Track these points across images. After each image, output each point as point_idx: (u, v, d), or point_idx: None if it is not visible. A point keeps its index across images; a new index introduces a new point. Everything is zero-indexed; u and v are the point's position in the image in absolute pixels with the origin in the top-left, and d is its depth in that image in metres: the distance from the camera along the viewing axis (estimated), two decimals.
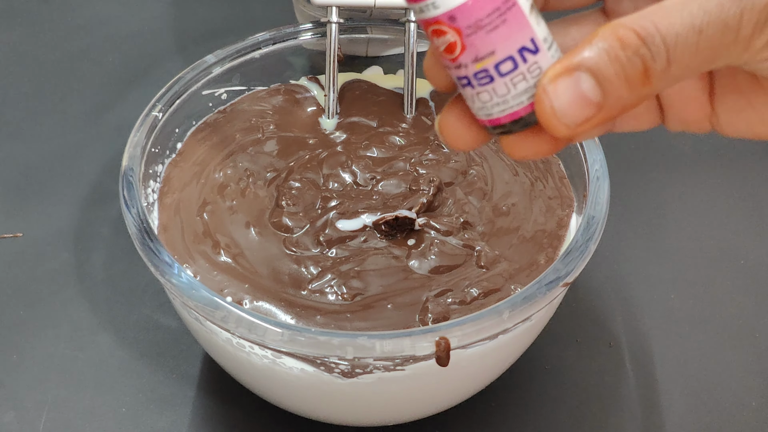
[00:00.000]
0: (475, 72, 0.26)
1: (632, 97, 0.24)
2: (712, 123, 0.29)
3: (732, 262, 0.55)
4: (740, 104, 0.28)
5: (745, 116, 0.28)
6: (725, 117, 0.28)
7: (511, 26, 0.25)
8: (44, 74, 0.69)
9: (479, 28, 0.25)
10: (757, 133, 0.28)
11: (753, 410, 0.47)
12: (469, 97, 0.26)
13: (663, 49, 0.23)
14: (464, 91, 0.26)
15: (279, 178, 0.48)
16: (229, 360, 0.42)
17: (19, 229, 0.57)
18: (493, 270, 0.43)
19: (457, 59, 0.26)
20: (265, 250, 0.44)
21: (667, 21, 0.23)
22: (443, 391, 0.43)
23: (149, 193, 0.46)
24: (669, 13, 0.23)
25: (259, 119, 0.52)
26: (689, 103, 0.29)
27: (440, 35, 0.25)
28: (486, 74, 0.26)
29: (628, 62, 0.24)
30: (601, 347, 0.50)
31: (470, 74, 0.26)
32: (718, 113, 0.28)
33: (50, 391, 0.48)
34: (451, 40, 0.25)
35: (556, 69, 0.25)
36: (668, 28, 0.23)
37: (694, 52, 0.24)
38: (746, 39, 0.24)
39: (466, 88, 0.26)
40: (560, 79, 0.25)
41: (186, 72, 0.50)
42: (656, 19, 0.24)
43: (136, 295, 0.52)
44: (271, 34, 0.53)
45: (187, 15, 0.75)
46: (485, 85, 0.26)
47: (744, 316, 0.52)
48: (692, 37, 0.23)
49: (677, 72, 0.24)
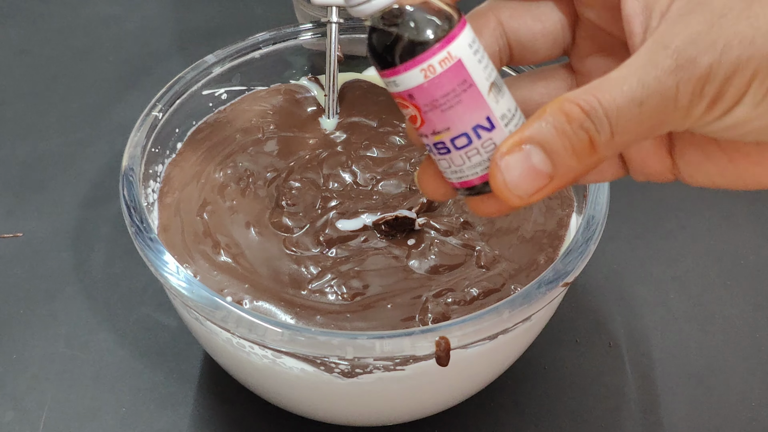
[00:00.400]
0: (434, 142, 0.28)
1: (581, 167, 0.26)
2: (674, 174, 0.30)
3: (732, 262, 0.55)
4: (699, 158, 0.29)
5: (705, 169, 0.29)
6: (686, 170, 0.29)
7: (466, 106, 0.27)
8: (44, 74, 0.69)
9: (435, 107, 0.27)
10: (718, 184, 0.29)
11: (753, 410, 0.47)
12: (434, 159, 0.29)
13: (606, 121, 0.25)
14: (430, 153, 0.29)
15: (279, 178, 0.48)
16: (229, 360, 0.42)
17: (19, 228, 0.57)
18: (493, 270, 0.43)
19: (419, 129, 0.28)
20: (265, 250, 0.44)
21: (609, 95, 0.25)
22: (443, 391, 0.43)
23: (149, 193, 0.46)
24: (611, 87, 0.25)
25: (260, 119, 0.52)
26: (649, 158, 0.30)
27: (403, 108, 0.28)
28: (443, 146, 0.28)
29: (574, 135, 0.25)
30: (601, 347, 0.50)
31: (431, 143, 0.28)
32: (679, 166, 0.29)
33: (50, 390, 0.48)
34: (412, 114, 0.27)
35: (508, 144, 0.26)
36: (610, 102, 0.25)
37: (637, 122, 0.25)
38: (685, 108, 0.25)
39: (431, 152, 0.29)
40: (511, 154, 0.26)
41: (186, 72, 0.50)
42: (599, 94, 0.25)
43: (136, 295, 0.53)
44: (271, 34, 0.53)
45: (187, 15, 0.75)
46: (443, 155, 0.28)
47: (744, 316, 0.52)
48: (634, 109, 0.25)
49: (623, 140, 0.25)
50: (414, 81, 0.26)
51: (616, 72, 0.25)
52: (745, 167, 0.28)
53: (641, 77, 0.24)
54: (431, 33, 0.26)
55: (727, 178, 0.29)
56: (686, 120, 0.25)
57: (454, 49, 0.26)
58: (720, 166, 0.28)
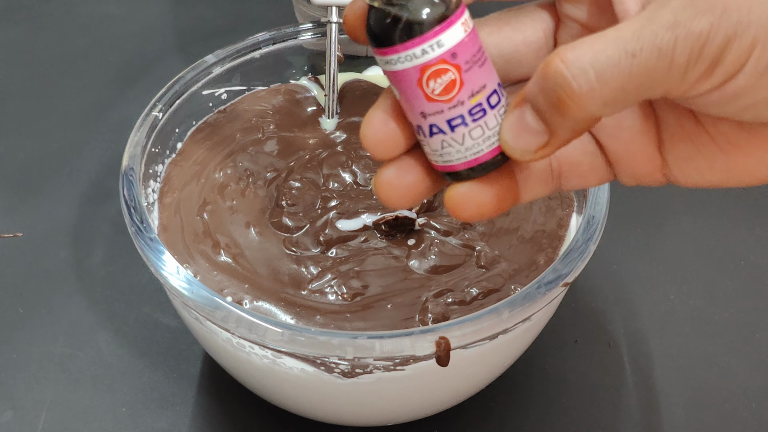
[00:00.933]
0: (471, 108, 0.26)
1: (569, 123, 0.25)
2: (664, 174, 0.29)
3: (732, 262, 0.55)
4: (689, 152, 0.28)
5: (695, 164, 0.28)
6: (676, 166, 0.29)
7: (489, 63, 0.27)
8: (44, 73, 0.69)
9: (474, 62, 0.26)
10: (709, 180, 0.28)
11: (753, 410, 0.47)
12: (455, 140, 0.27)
13: (591, 71, 0.24)
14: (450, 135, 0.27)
15: (279, 178, 0.48)
16: (229, 360, 0.42)
17: (18, 227, 0.57)
18: (493, 270, 0.43)
19: (453, 98, 0.26)
20: (265, 250, 0.44)
21: (599, 45, 0.24)
22: (443, 391, 0.43)
23: (149, 193, 0.46)
24: (603, 38, 0.24)
25: (260, 119, 0.52)
26: (638, 156, 0.29)
27: (440, 75, 0.26)
28: (480, 108, 0.27)
29: (550, 90, 0.24)
30: (601, 347, 0.50)
31: (465, 111, 0.26)
32: (668, 163, 0.29)
33: (49, 390, 0.48)
34: (452, 78, 0.26)
35: (512, 103, 0.26)
36: (600, 52, 0.24)
37: (627, 76, 0.24)
38: (681, 68, 0.24)
39: (456, 130, 0.27)
40: (511, 113, 0.26)
41: (186, 72, 0.50)
42: (588, 44, 0.24)
43: (136, 294, 0.53)
44: (271, 34, 0.53)
45: (187, 15, 0.75)
46: (479, 119, 0.27)
47: (744, 316, 0.52)
48: (624, 60, 0.24)
49: (611, 94, 0.24)
50: (457, 36, 0.26)
51: (611, 29, 0.24)
52: (736, 159, 0.27)
53: (636, 30, 0.24)
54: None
55: (719, 173, 0.28)
56: (682, 83, 0.24)
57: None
58: (711, 159, 0.28)
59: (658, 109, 0.28)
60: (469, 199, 0.28)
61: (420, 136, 0.27)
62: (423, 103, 0.26)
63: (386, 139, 0.28)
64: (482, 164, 0.27)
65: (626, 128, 0.29)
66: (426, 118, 0.27)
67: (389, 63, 0.26)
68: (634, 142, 0.29)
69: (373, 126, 0.28)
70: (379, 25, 0.26)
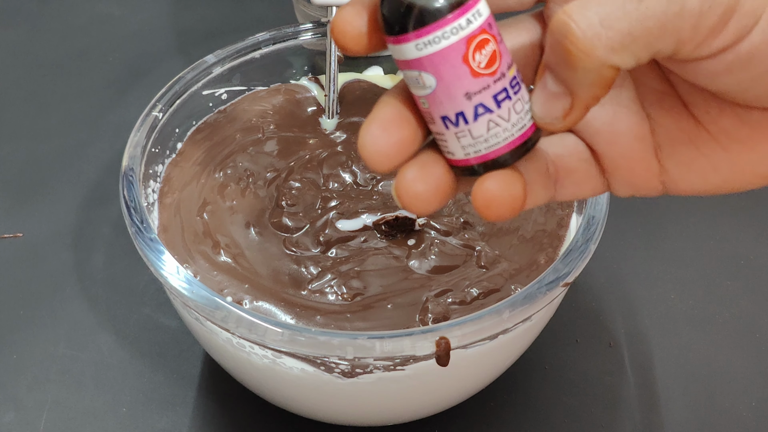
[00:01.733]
0: (511, 79, 0.25)
1: (585, 76, 0.24)
2: (662, 182, 0.28)
3: (732, 262, 0.55)
4: (690, 155, 0.27)
5: (697, 166, 0.27)
6: (676, 171, 0.28)
7: None
8: (44, 74, 0.69)
9: (500, 33, 0.25)
10: (712, 183, 0.27)
11: (753, 410, 0.47)
12: (502, 117, 0.25)
13: (594, 16, 0.23)
14: (496, 113, 0.25)
15: (279, 178, 0.48)
16: (229, 360, 0.42)
17: (19, 228, 0.57)
18: (493, 270, 0.43)
19: (497, 71, 0.25)
20: (265, 250, 0.44)
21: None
22: (443, 391, 0.43)
23: (149, 193, 0.46)
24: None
25: (260, 119, 0.52)
26: (635, 163, 0.28)
27: (484, 46, 0.24)
28: (516, 80, 0.25)
29: (555, 42, 0.23)
30: (601, 347, 0.50)
31: (508, 84, 0.25)
32: (667, 169, 0.28)
33: (50, 391, 0.48)
34: (493, 49, 0.25)
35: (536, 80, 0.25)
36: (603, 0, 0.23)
37: (635, 18, 0.23)
38: (694, 14, 0.23)
39: (502, 105, 0.25)
40: (536, 84, 0.25)
41: (186, 72, 0.50)
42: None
43: (137, 295, 0.53)
44: (271, 34, 0.53)
45: (187, 15, 0.75)
46: (518, 92, 0.25)
47: (744, 316, 0.52)
48: (631, 3, 0.23)
49: (618, 39, 0.23)
50: (487, 7, 0.24)
51: None
52: (739, 156, 0.26)
53: None
54: None
55: (722, 174, 0.27)
56: (695, 33, 0.23)
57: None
58: (713, 160, 0.27)
59: (653, 113, 0.28)
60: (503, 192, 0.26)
61: (456, 127, 0.25)
62: (468, 81, 0.24)
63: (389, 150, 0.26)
64: (528, 139, 0.26)
65: (621, 134, 0.28)
66: (471, 99, 0.25)
67: (430, 44, 0.24)
68: (630, 148, 0.28)
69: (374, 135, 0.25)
70: (423, 3, 0.24)
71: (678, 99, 0.27)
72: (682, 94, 0.27)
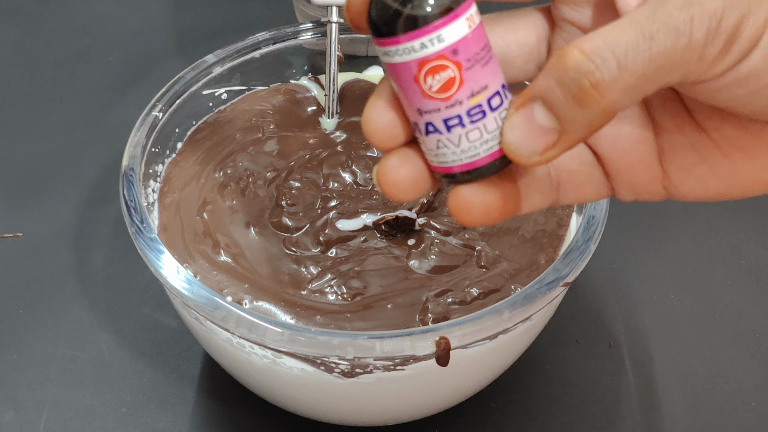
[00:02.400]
0: (469, 108, 0.25)
1: (588, 117, 0.24)
2: (664, 186, 0.28)
3: (732, 262, 0.55)
4: (691, 159, 0.27)
5: (698, 172, 0.27)
6: (677, 176, 0.28)
7: (495, 62, 0.26)
8: (44, 74, 0.69)
9: (477, 60, 0.25)
10: (713, 189, 0.27)
11: (753, 410, 0.47)
12: (451, 140, 0.26)
13: (611, 58, 0.23)
14: (446, 135, 0.26)
15: (279, 178, 0.48)
16: (229, 360, 0.42)
17: (19, 228, 0.57)
18: (494, 270, 0.43)
19: (451, 97, 0.25)
20: (264, 250, 0.44)
21: (616, 33, 0.23)
22: (443, 391, 0.43)
23: (149, 193, 0.46)
24: (617, 26, 0.23)
25: (260, 119, 0.52)
26: (637, 167, 0.28)
27: (438, 72, 0.25)
28: (479, 109, 0.26)
29: (572, 81, 0.24)
30: (601, 347, 0.50)
31: (463, 112, 0.25)
32: (669, 174, 0.28)
33: (50, 391, 0.48)
34: (451, 76, 0.25)
35: (516, 103, 0.25)
36: (617, 38, 0.23)
37: (647, 58, 0.23)
38: (700, 45, 0.23)
39: (452, 130, 0.26)
40: (516, 113, 0.25)
41: (186, 72, 0.50)
42: (604, 33, 0.23)
43: (137, 295, 0.53)
44: (271, 34, 0.53)
45: (187, 15, 0.75)
46: (477, 121, 0.26)
47: (744, 316, 0.52)
48: (643, 43, 0.23)
49: (632, 81, 0.23)
50: (459, 33, 0.25)
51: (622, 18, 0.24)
52: (740, 163, 0.27)
53: (650, 14, 0.23)
54: None
55: (723, 181, 0.27)
56: (701, 62, 0.23)
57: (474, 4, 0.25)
58: (714, 166, 0.27)
59: (657, 117, 0.28)
60: (475, 202, 0.27)
61: (416, 132, 0.26)
62: (420, 99, 0.25)
63: (386, 129, 0.27)
64: (478, 169, 0.26)
65: (624, 136, 0.28)
66: (422, 116, 0.26)
67: (387, 54, 0.25)
68: (633, 151, 0.28)
69: (372, 114, 0.27)
70: (380, 14, 0.25)
71: (681, 104, 0.28)
72: (685, 100, 0.27)
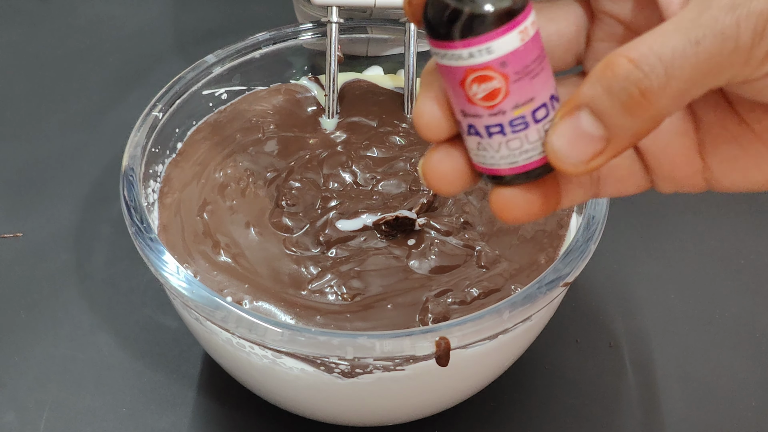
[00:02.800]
0: (512, 119, 0.25)
1: (637, 124, 0.24)
2: (705, 178, 0.28)
3: (732, 262, 0.55)
4: (733, 152, 0.27)
5: (741, 164, 0.27)
6: (719, 169, 0.28)
7: (546, 74, 0.26)
8: (44, 74, 0.69)
9: (526, 74, 0.25)
10: (755, 180, 0.27)
11: (753, 410, 0.47)
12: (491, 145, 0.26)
13: (659, 65, 0.23)
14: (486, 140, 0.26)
15: (279, 178, 0.48)
16: (229, 360, 0.42)
17: (19, 228, 0.57)
18: (494, 270, 0.43)
19: (495, 107, 0.25)
20: (265, 250, 0.44)
21: (661, 39, 0.23)
22: (443, 391, 0.43)
23: (149, 193, 0.46)
24: (662, 32, 0.23)
25: (260, 119, 0.52)
26: (678, 159, 0.28)
27: (483, 81, 0.25)
28: (522, 120, 0.25)
29: (621, 90, 0.24)
30: (601, 347, 0.50)
31: (506, 121, 0.26)
32: (710, 166, 0.28)
33: (50, 391, 0.48)
34: (496, 86, 0.25)
35: (561, 112, 0.25)
36: (663, 44, 0.23)
37: (694, 64, 0.23)
38: (747, 48, 0.23)
39: (493, 137, 0.26)
40: (562, 121, 0.25)
41: (186, 72, 0.50)
42: (649, 40, 0.23)
43: (137, 295, 0.53)
44: (271, 34, 0.53)
45: (187, 15, 0.75)
46: (519, 132, 0.26)
47: (744, 316, 0.52)
48: (690, 48, 0.23)
49: (680, 87, 0.24)
50: (510, 46, 0.24)
51: (666, 23, 0.23)
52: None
53: (694, 18, 0.23)
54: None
55: (765, 171, 0.27)
56: (748, 64, 0.23)
57: (533, 14, 0.25)
58: (757, 158, 0.27)
59: (698, 110, 0.28)
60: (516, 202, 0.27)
61: (460, 128, 0.26)
62: (464, 102, 0.25)
63: (436, 123, 0.27)
64: (518, 175, 0.26)
65: (665, 130, 0.28)
66: (465, 117, 0.26)
67: (437, 55, 0.25)
68: (674, 144, 0.28)
69: (423, 109, 0.27)
70: (434, 16, 0.24)
71: (722, 97, 0.27)
72: (727, 93, 0.27)
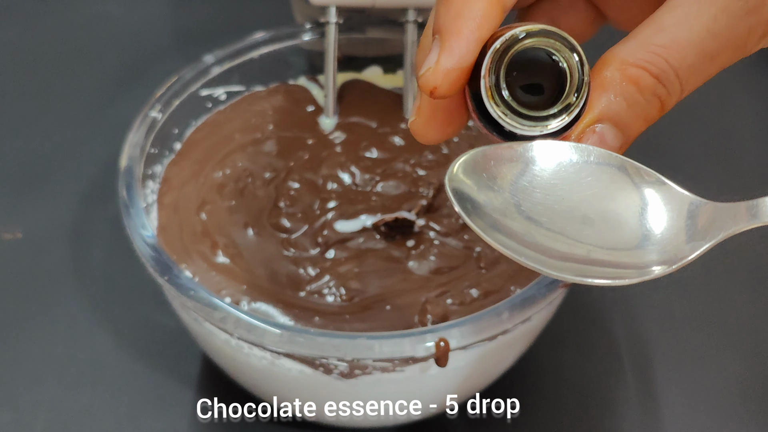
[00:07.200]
0: None
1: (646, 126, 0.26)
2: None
3: (732, 262, 0.55)
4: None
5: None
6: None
7: None
8: (43, 73, 0.69)
9: None
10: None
11: (753, 411, 0.47)
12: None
13: (677, 82, 0.24)
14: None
15: (278, 179, 0.48)
16: (227, 361, 0.42)
17: (17, 228, 0.57)
18: (493, 271, 0.43)
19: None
20: (263, 251, 0.44)
21: (677, 54, 0.24)
22: (442, 393, 0.42)
23: (148, 194, 0.46)
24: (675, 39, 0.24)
25: (258, 119, 0.52)
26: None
27: None
28: None
29: (647, 104, 0.24)
30: (601, 349, 0.50)
31: None
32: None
33: (48, 391, 0.48)
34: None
35: (581, 128, 0.25)
36: (680, 62, 0.24)
37: (706, 76, 0.24)
38: (749, 51, 0.24)
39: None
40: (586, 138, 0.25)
41: (185, 72, 0.50)
42: (665, 53, 0.24)
43: (135, 295, 0.52)
44: (270, 34, 0.53)
45: (186, 15, 0.75)
46: None
47: (744, 316, 0.52)
48: (706, 64, 0.24)
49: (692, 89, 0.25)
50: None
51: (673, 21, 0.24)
52: None
53: (711, 27, 0.23)
54: None
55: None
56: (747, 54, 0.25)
57: None
58: None
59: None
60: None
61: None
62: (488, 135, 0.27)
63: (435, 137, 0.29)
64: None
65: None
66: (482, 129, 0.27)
67: (481, 127, 0.27)
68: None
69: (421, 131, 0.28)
70: (487, 115, 0.25)
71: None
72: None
